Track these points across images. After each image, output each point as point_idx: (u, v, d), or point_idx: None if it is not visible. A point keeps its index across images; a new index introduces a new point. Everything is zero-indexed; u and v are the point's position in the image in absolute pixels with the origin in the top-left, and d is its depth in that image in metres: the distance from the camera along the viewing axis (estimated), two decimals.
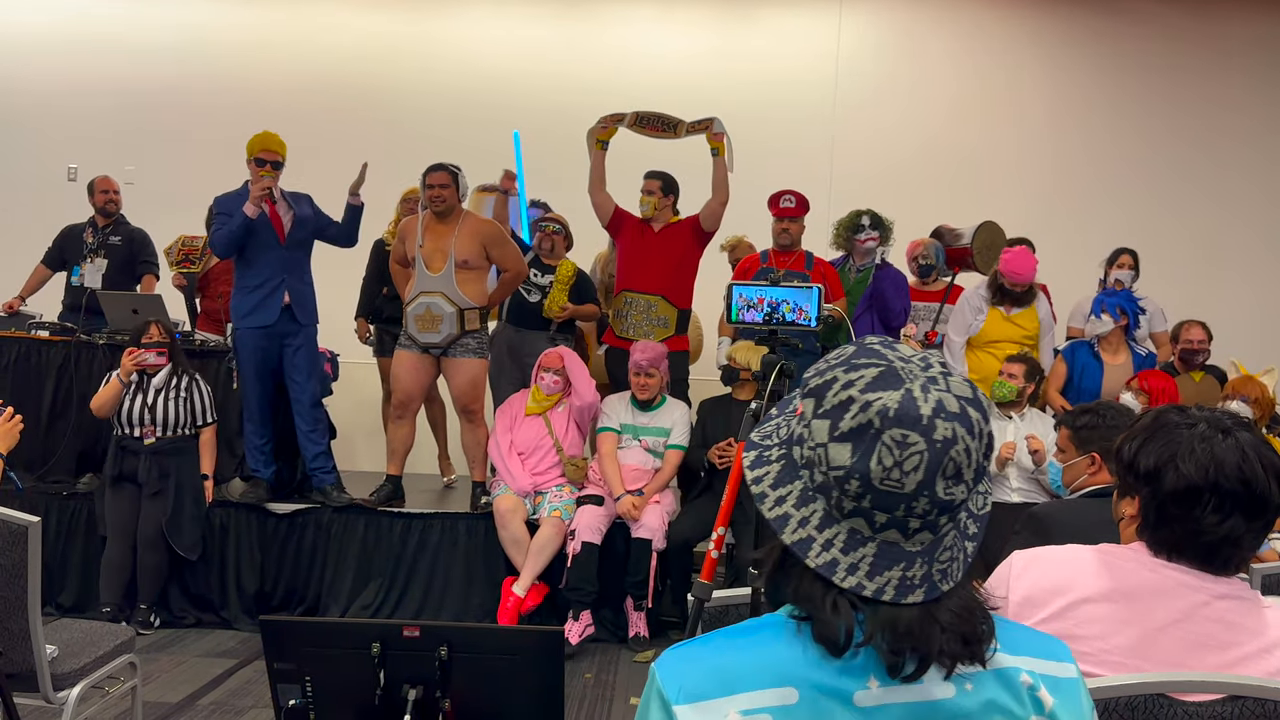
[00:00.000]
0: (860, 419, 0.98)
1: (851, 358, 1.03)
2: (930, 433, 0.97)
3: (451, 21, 7.95)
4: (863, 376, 1.00)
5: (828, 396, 1.01)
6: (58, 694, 2.90)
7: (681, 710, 0.98)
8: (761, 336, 2.93)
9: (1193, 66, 7.76)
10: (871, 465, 0.97)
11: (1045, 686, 1.03)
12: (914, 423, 0.97)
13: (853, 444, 0.98)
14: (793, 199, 5.46)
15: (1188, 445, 1.52)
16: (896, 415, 0.97)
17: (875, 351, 1.03)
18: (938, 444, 0.97)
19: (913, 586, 0.98)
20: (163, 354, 4.96)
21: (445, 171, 5.10)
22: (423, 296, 5.08)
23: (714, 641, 1.03)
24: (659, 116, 5.51)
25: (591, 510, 4.98)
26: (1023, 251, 5.40)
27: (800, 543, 1.00)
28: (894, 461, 0.96)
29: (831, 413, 1.00)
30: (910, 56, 7.88)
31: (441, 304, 5.07)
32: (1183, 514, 1.51)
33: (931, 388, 0.99)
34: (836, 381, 1.01)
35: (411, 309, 5.12)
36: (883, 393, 0.98)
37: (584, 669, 4.61)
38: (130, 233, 6.30)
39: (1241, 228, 7.64)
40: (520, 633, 3.53)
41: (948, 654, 0.97)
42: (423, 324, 5.10)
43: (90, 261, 6.07)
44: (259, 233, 4.98)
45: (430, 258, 5.10)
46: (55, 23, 8.00)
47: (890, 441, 0.97)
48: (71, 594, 5.08)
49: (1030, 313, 5.41)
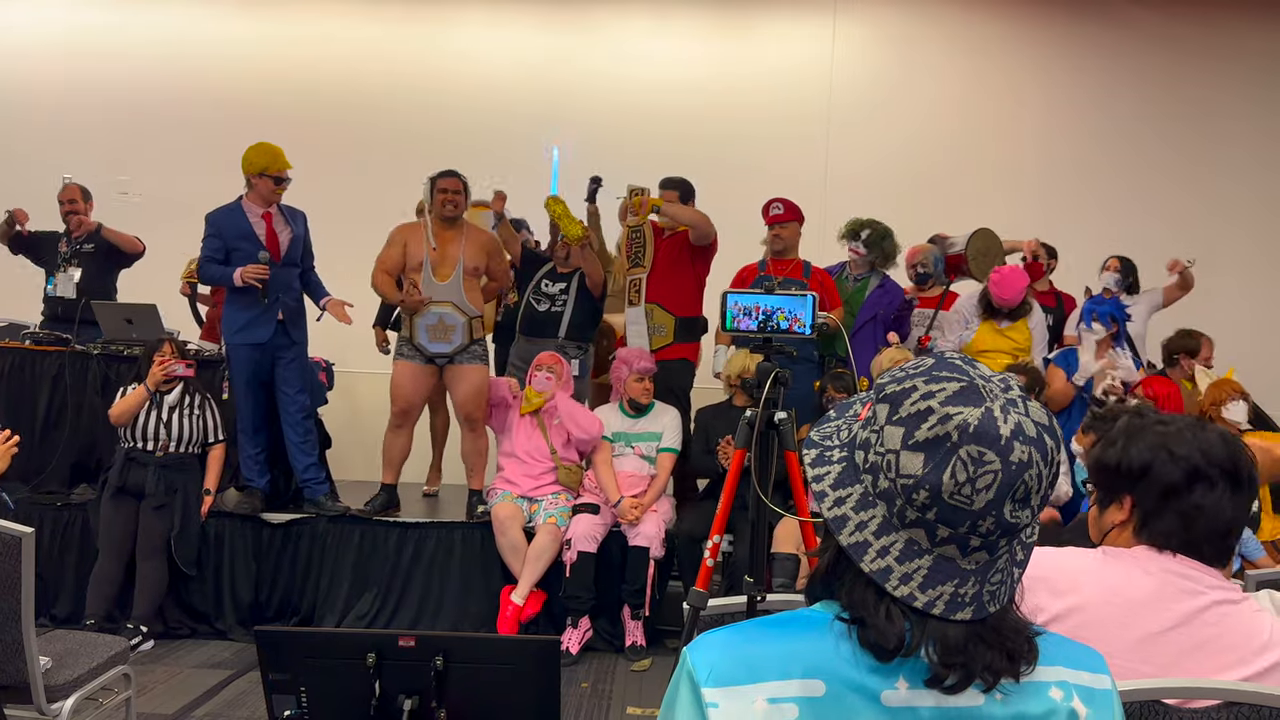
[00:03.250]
0: (938, 430, 0.98)
1: (932, 369, 1.03)
2: (1007, 454, 0.97)
3: (448, 31, 7.96)
4: (944, 389, 1.00)
5: (905, 404, 1.01)
6: (51, 706, 2.89)
7: (710, 693, 0.99)
8: (756, 344, 2.94)
9: (1188, 75, 7.80)
10: (944, 478, 0.97)
11: (1079, 697, 1.03)
12: (992, 441, 0.97)
13: (926, 454, 0.98)
14: (781, 205, 5.47)
15: (1176, 436, 1.60)
16: (976, 432, 0.97)
17: (956, 366, 1.03)
18: (1013, 466, 0.97)
19: (963, 604, 0.99)
20: (191, 365, 4.98)
21: (457, 178, 5.11)
22: (433, 306, 5.06)
23: (747, 629, 1.04)
24: None
25: (587, 519, 4.97)
26: (1013, 271, 5.43)
27: (856, 546, 1.00)
28: (967, 477, 0.97)
29: (907, 421, 1.00)
30: (905, 65, 7.91)
31: (453, 314, 5.07)
32: (1180, 499, 1.58)
33: (1011, 409, 0.99)
34: (916, 391, 1.01)
35: (422, 319, 5.09)
36: (964, 408, 0.98)
37: (581, 678, 4.60)
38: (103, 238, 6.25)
39: (1236, 235, 7.65)
40: (517, 642, 3.52)
41: (992, 670, 0.98)
42: (435, 334, 5.09)
43: (64, 270, 6.03)
44: (255, 250, 4.97)
45: (438, 266, 5.08)
46: (48, 32, 8.00)
47: (966, 457, 0.97)
48: (65, 605, 5.06)
49: (1022, 325, 5.44)
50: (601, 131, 7.50)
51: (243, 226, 5.01)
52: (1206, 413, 4.97)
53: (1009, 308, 5.41)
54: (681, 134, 7.46)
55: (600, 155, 6.81)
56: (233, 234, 5.00)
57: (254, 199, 5.05)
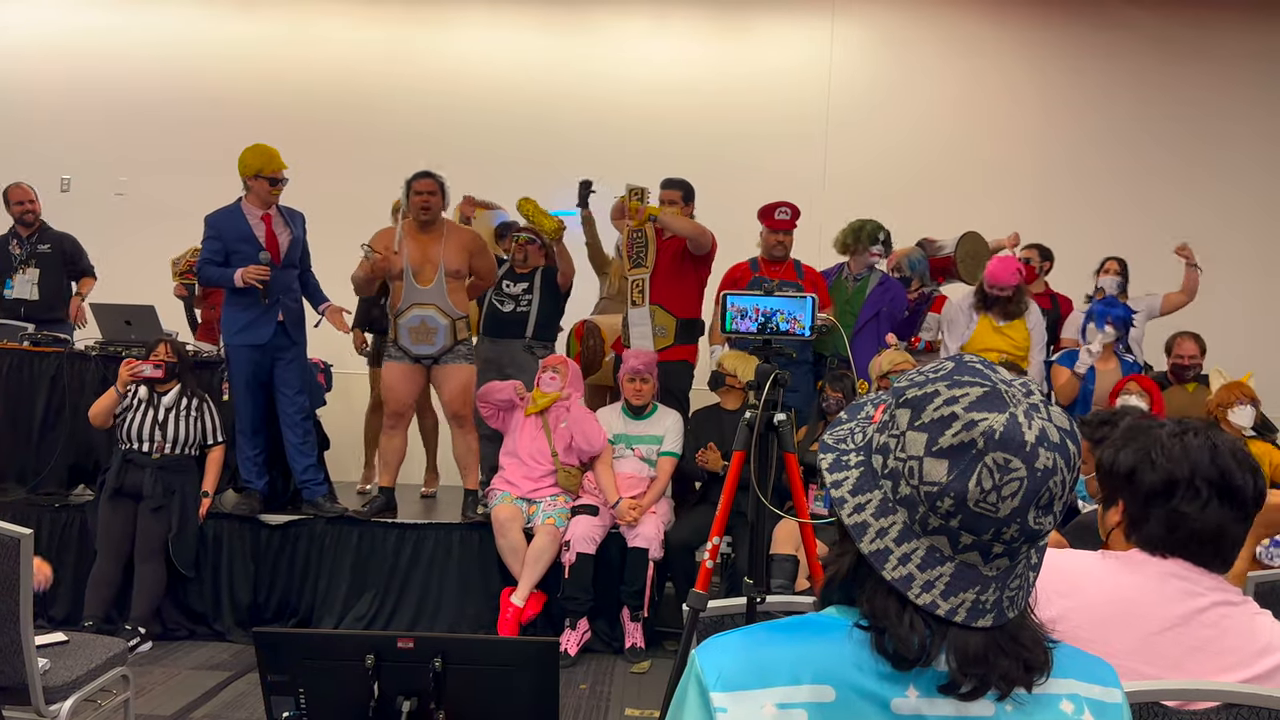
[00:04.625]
0: (963, 437, 0.97)
1: (953, 374, 1.01)
2: (1033, 460, 0.96)
3: (446, 33, 7.96)
4: (967, 394, 0.99)
5: (927, 410, 0.99)
6: (50, 707, 2.88)
7: (718, 697, 0.98)
8: (755, 346, 2.94)
9: (1184, 76, 7.81)
10: (970, 486, 0.96)
11: (1090, 710, 1.03)
12: (1018, 448, 0.96)
13: (950, 461, 0.97)
14: (788, 211, 5.43)
15: (1158, 442, 1.61)
16: (1002, 439, 0.96)
17: (978, 371, 1.02)
18: (1038, 473, 0.96)
19: (984, 611, 0.98)
20: (159, 367, 4.93)
21: (432, 179, 5.06)
22: (415, 309, 5.05)
23: (757, 634, 1.03)
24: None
25: (586, 520, 4.97)
26: (1005, 258, 5.44)
27: (877, 554, 0.99)
28: (993, 485, 0.95)
29: (930, 427, 0.98)
30: (902, 66, 7.92)
31: (436, 317, 5.05)
32: (1161, 506, 1.59)
33: (1034, 415, 0.98)
34: (939, 396, 0.99)
35: (404, 321, 5.08)
36: (988, 414, 0.97)
37: (579, 679, 4.60)
38: (59, 238, 6.25)
39: (1232, 236, 7.65)
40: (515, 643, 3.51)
41: (1008, 679, 0.97)
42: (417, 336, 5.07)
43: (21, 273, 6.03)
44: (255, 251, 4.96)
45: (419, 269, 5.06)
46: (47, 34, 7.99)
47: (992, 464, 0.96)
48: (63, 607, 5.05)
49: (1020, 325, 5.43)
50: (600, 132, 7.51)
51: (242, 228, 4.99)
52: (1213, 414, 4.99)
53: (1005, 291, 5.37)
54: (680, 134, 7.47)
55: (599, 156, 6.82)
56: (233, 236, 4.98)
57: (253, 201, 5.04)
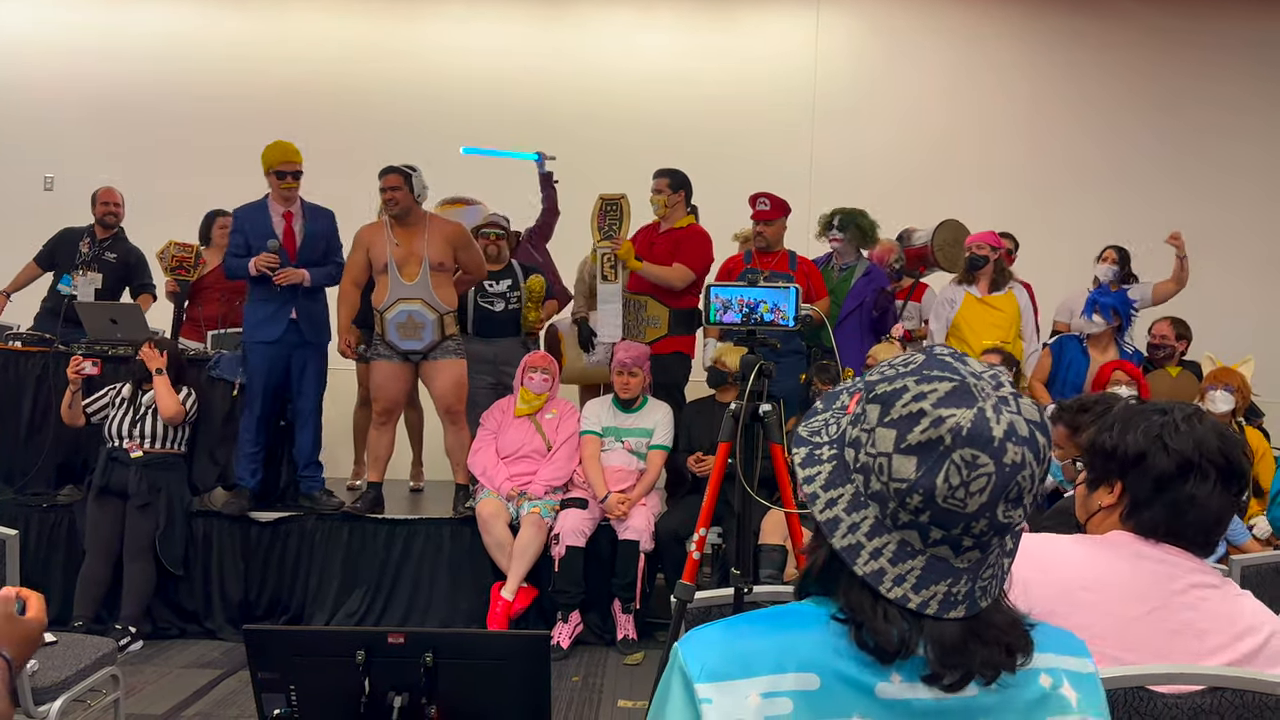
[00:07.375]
0: (931, 434, 0.97)
1: (922, 368, 1.01)
2: (1000, 455, 0.96)
3: (433, 25, 7.93)
4: (935, 390, 0.99)
5: (896, 405, 0.99)
6: (39, 708, 2.87)
7: (703, 688, 0.99)
8: (740, 337, 2.94)
9: (1177, 66, 7.81)
10: (937, 482, 0.96)
11: (1069, 682, 1.04)
12: (985, 444, 0.96)
13: (919, 458, 0.97)
14: (767, 202, 5.44)
15: (1171, 427, 1.61)
16: (969, 435, 0.96)
17: (947, 364, 1.02)
18: (1006, 468, 0.96)
19: (956, 603, 0.99)
20: (97, 364, 4.97)
21: (397, 173, 5.00)
22: (401, 304, 5.03)
23: (739, 624, 1.04)
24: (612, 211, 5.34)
25: (575, 513, 4.97)
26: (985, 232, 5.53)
27: (849, 549, 1.00)
28: (960, 481, 0.96)
29: (899, 423, 0.98)
30: (889, 56, 7.92)
31: (423, 312, 5.03)
32: (1174, 490, 1.59)
33: (1003, 409, 0.98)
34: (907, 391, 0.99)
35: (391, 317, 5.05)
36: (956, 409, 0.97)
37: (572, 672, 4.61)
38: (127, 250, 6.16)
39: (1226, 226, 7.64)
40: (506, 637, 3.52)
41: (991, 666, 0.98)
42: (405, 332, 5.05)
43: (83, 274, 5.98)
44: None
45: (403, 264, 5.04)
46: (33, 30, 7.93)
47: (960, 461, 0.96)
48: (53, 607, 5.00)
49: (1008, 298, 5.45)
50: (587, 124, 7.49)
51: (264, 224, 5.05)
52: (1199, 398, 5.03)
53: (984, 249, 5.43)
54: (667, 126, 7.46)
55: (586, 148, 6.82)
56: (254, 231, 5.04)
57: (274, 197, 5.10)
